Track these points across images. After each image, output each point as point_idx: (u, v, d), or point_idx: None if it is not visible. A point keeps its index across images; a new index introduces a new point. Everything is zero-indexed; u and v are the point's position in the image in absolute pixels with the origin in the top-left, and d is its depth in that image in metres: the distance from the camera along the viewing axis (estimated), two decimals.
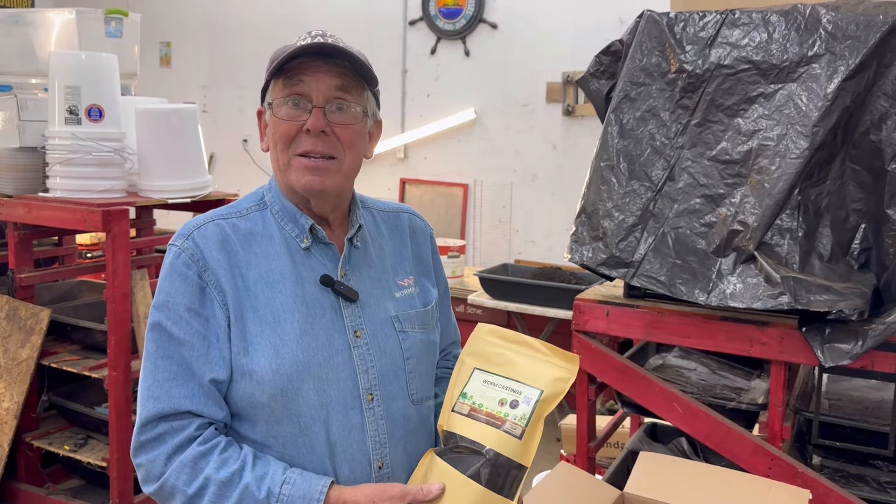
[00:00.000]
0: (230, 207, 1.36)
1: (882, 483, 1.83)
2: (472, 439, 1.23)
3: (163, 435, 1.23)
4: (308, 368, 1.26)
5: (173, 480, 1.21)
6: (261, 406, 1.25)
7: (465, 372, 1.31)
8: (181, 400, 1.23)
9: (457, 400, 1.28)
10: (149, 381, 1.25)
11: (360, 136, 1.33)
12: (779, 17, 1.81)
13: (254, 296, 1.27)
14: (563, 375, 1.27)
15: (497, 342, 1.32)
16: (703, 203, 1.84)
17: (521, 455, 1.23)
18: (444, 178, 5.43)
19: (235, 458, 1.22)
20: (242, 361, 1.25)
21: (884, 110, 1.74)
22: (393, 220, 1.49)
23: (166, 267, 1.29)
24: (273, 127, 1.30)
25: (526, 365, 1.28)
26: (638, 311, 1.96)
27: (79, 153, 2.68)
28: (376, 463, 1.30)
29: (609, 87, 2.06)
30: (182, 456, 1.21)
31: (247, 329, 1.26)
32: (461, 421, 1.26)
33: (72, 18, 3.06)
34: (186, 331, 1.25)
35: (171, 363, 1.24)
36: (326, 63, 1.27)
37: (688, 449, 2.25)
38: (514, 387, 1.26)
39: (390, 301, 1.39)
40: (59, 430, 2.94)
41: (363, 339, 1.32)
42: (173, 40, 6.56)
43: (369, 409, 1.30)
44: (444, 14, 5.25)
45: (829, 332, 1.71)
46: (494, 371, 1.29)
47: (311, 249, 1.33)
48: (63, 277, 3.28)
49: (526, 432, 1.23)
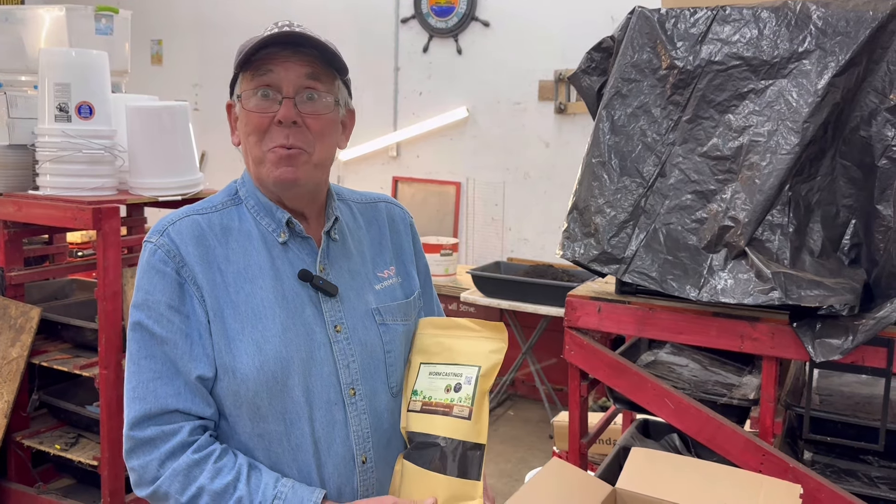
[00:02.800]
0: (204, 202, 1.34)
1: (873, 478, 1.84)
2: (426, 433, 1.27)
3: (154, 439, 1.21)
4: (292, 364, 1.25)
5: (166, 487, 1.20)
6: (245, 404, 1.24)
7: (413, 370, 1.34)
8: (167, 399, 1.21)
9: (410, 399, 1.31)
10: (133, 382, 1.23)
11: (331, 125, 1.31)
12: (769, 14, 1.81)
13: (233, 292, 1.25)
14: (495, 346, 1.31)
15: (433, 332, 1.36)
16: (694, 199, 1.85)
17: (475, 434, 1.25)
18: (437, 177, 5.43)
19: (230, 469, 1.20)
20: (225, 359, 1.23)
21: (874, 106, 1.75)
22: (370, 211, 1.48)
23: (143, 265, 1.26)
24: (244, 119, 1.28)
25: (461, 347, 1.32)
26: (629, 307, 1.96)
27: (69, 151, 2.67)
28: (360, 458, 1.30)
29: (600, 83, 2.06)
30: (176, 463, 1.20)
31: (227, 326, 1.24)
32: (416, 418, 1.29)
33: (62, 15, 3.04)
34: (168, 328, 1.23)
35: (154, 362, 1.22)
36: (295, 53, 1.26)
37: (679, 445, 2.25)
38: (455, 370, 1.30)
39: (371, 294, 1.37)
40: (50, 429, 2.92)
41: (343, 334, 1.31)
42: (164, 38, 6.54)
43: (352, 404, 1.30)
44: (437, 12, 5.25)
45: (819, 328, 1.72)
46: (436, 361, 1.33)
47: (289, 244, 1.32)
48: (53, 276, 3.27)
49: (473, 412, 1.26)
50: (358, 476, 1.29)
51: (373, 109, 5.50)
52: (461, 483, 1.23)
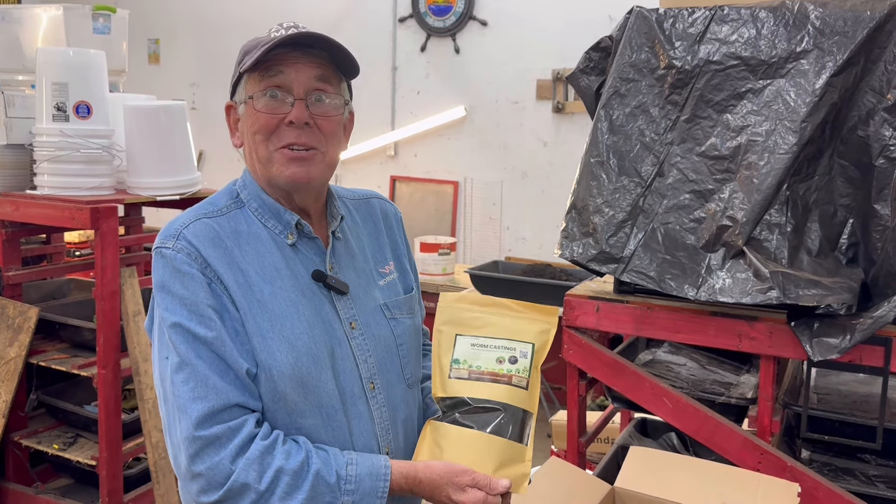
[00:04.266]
0: (207, 205, 1.32)
1: (870, 476, 1.84)
2: (484, 398, 1.30)
3: (220, 437, 1.17)
4: (322, 359, 1.27)
5: (243, 478, 1.16)
6: (282, 399, 1.24)
7: (447, 340, 1.37)
8: (229, 393, 1.19)
9: (451, 367, 1.34)
10: (191, 384, 1.19)
11: (340, 126, 1.33)
12: (767, 13, 1.81)
13: (257, 291, 1.25)
14: (545, 328, 1.37)
15: (471, 307, 1.39)
16: (693, 198, 1.85)
17: (530, 404, 1.33)
18: (435, 176, 5.43)
19: (298, 448, 1.21)
20: (261, 356, 1.23)
21: (871, 106, 1.75)
22: (365, 208, 1.49)
23: (166, 271, 1.23)
24: (251, 120, 1.27)
25: (507, 324, 1.37)
26: (628, 306, 1.97)
27: (67, 150, 2.66)
28: (384, 449, 1.33)
29: (599, 83, 2.06)
30: (248, 454, 1.17)
31: (257, 324, 1.24)
32: (464, 385, 1.32)
33: (59, 15, 3.04)
34: (212, 327, 1.21)
35: (205, 362, 1.20)
36: (305, 54, 1.26)
37: (678, 444, 2.25)
38: (506, 345, 1.35)
39: (377, 290, 1.40)
40: (48, 428, 2.92)
41: (358, 330, 1.33)
42: (162, 37, 6.53)
43: (373, 398, 1.33)
44: (434, 11, 5.25)
45: (817, 327, 1.72)
46: (479, 334, 1.36)
47: (297, 245, 1.32)
48: (51, 275, 3.26)
49: (530, 383, 1.33)
50: None
51: (370, 109, 5.50)
52: (517, 447, 1.29)
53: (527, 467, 1.30)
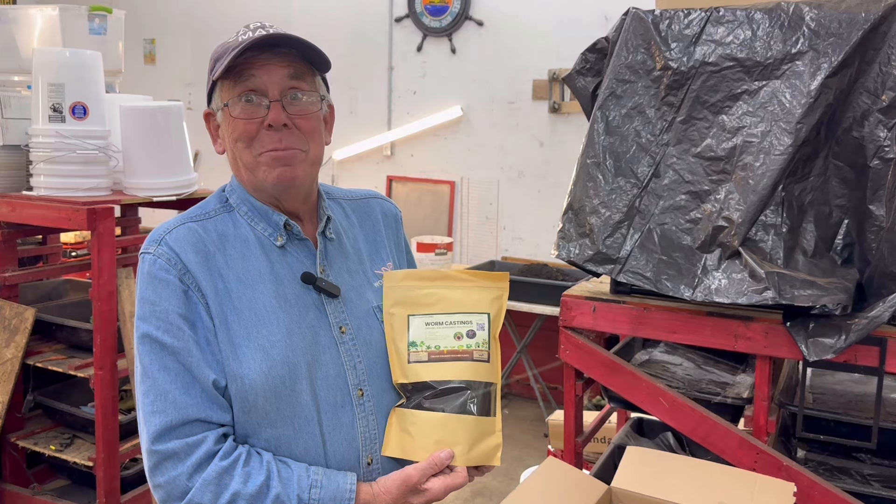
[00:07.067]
0: (197, 209, 1.33)
1: (865, 475, 1.85)
2: (447, 379, 1.28)
3: (177, 453, 1.17)
4: (299, 368, 1.24)
5: (199, 499, 1.16)
6: (254, 409, 1.22)
7: (399, 323, 1.33)
8: (188, 409, 1.18)
9: (408, 351, 1.31)
10: (151, 396, 1.19)
11: (320, 122, 1.31)
12: (763, 15, 1.82)
13: (236, 297, 1.24)
14: (497, 294, 1.35)
15: (419, 284, 1.35)
16: (689, 199, 1.86)
17: (494, 375, 1.31)
18: (431, 176, 5.43)
19: (259, 469, 1.18)
20: (232, 366, 1.22)
21: (866, 107, 1.76)
22: (363, 208, 1.48)
23: (143, 276, 1.24)
24: (230, 127, 1.27)
25: (460, 297, 1.34)
26: (624, 306, 1.97)
27: (63, 151, 2.66)
28: (365, 459, 1.29)
29: (595, 84, 2.07)
30: (205, 473, 1.17)
31: (232, 332, 1.23)
32: (425, 368, 1.30)
33: (55, 15, 3.03)
34: (179, 337, 1.20)
35: (169, 374, 1.19)
36: (274, 54, 1.25)
37: (674, 443, 2.26)
38: (462, 318, 1.32)
39: (370, 292, 1.37)
40: (45, 429, 2.92)
41: (349, 335, 1.31)
42: (158, 37, 6.52)
43: (360, 406, 1.29)
44: (431, 11, 5.25)
45: (812, 327, 1.73)
46: (431, 311, 1.33)
47: (287, 247, 1.31)
48: (48, 276, 3.26)
49: (491, 354, 1.31)
50: (363, 478, 1.28)
51: (367, 109, 5.50)
52: (486, 421, 1.28)
53: (498, 437, 1.29)
